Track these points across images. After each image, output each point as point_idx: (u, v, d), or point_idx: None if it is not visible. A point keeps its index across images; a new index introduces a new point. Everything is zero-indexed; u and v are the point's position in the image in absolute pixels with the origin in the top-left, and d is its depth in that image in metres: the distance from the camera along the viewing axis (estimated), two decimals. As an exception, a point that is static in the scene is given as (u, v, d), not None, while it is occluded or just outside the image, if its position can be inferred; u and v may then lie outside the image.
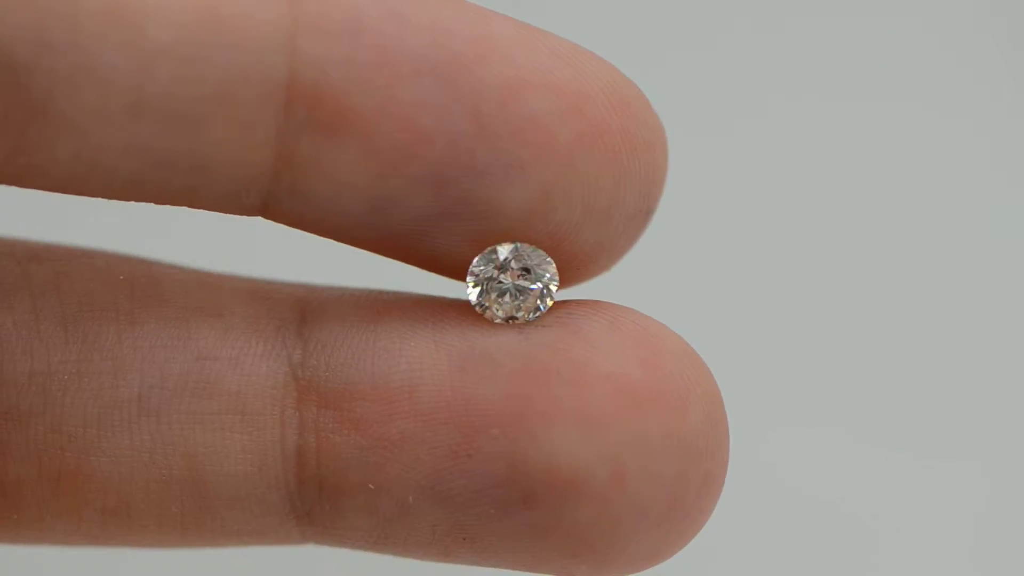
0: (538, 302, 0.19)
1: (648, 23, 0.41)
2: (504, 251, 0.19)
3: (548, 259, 0.19)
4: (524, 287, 0.19)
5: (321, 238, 0.20)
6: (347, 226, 0.19)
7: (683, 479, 0.18)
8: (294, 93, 0.18)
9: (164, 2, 0.17)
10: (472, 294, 0.19)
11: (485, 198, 0.18)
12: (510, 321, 0.19)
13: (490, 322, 0.19)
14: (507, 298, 0.19)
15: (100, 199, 0.18)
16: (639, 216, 0.19)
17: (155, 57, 0.17)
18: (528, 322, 0.19)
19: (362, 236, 0.19)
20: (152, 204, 0.18)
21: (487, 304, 0.19)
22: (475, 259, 0.19)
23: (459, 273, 0.20)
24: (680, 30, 0.41)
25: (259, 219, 0.19)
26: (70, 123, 0.16)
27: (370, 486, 0.19)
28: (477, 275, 0.19)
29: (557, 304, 0.20)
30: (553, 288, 0.19)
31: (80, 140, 0.17)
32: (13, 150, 0.17)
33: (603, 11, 0.41)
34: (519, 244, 0.19)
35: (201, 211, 0.19)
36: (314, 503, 0.19)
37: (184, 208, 0.19)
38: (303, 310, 0.20)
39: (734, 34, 0.42)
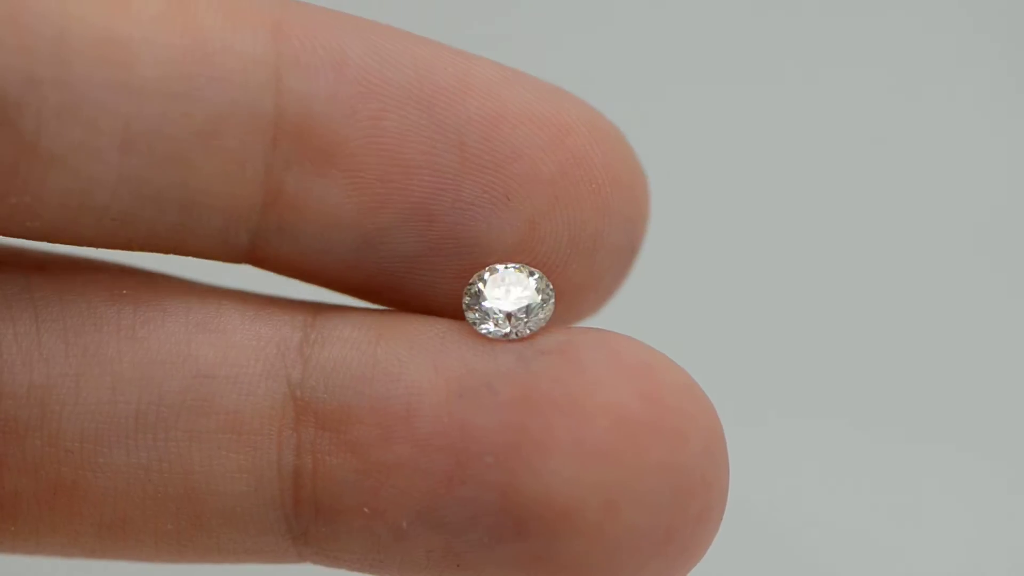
0: (535, 321, 0.19)
1: (628, 61, 0.41)
2: (496, 268, 0.19)
3: (537, 272, 0.19)
4: (520, 306, 0.19)
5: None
6: (335, 266, 0.19)
7: (680, 512, 0.18)
8: (281, 128, 0.18)
9: (151, 39, 0.17)
10: (469, 312, 0.19)
11: (472, 232, 0.19)
12: (508, 337, 0.19)
13: (489, 344, 0.19)
14: (503, 321, 0.19)
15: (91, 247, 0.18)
16: (625, 252, 0.20)
17: (143, 93, 0.17)
18: (528, 341, 0.19)
19: (350, 277, 0.19)
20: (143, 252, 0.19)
21: (485, 319, 0.19)
22: (473, 276, 0.19)
23: (448, 312, 0.20)
24: (662, 66, 0.41)
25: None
26: (60, 160, 0.17)
27: (365, 509, 0.19)
28: (471, 298, 0.19)
29: (558, 330, 0.19)
30: (549, 299, 0.19)
31: (70, 177, 0.17)
32: (3, 189, 0.17)
33: (580, 54, 0.41)
34: (509, 264, 0.19)
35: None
36: (310, 524, 0.19)
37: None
38: (305, 328, 0.20)
39: (725, 63, 0.42)
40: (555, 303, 0.19)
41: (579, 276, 0.19)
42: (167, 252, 0.19)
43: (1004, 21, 0.43)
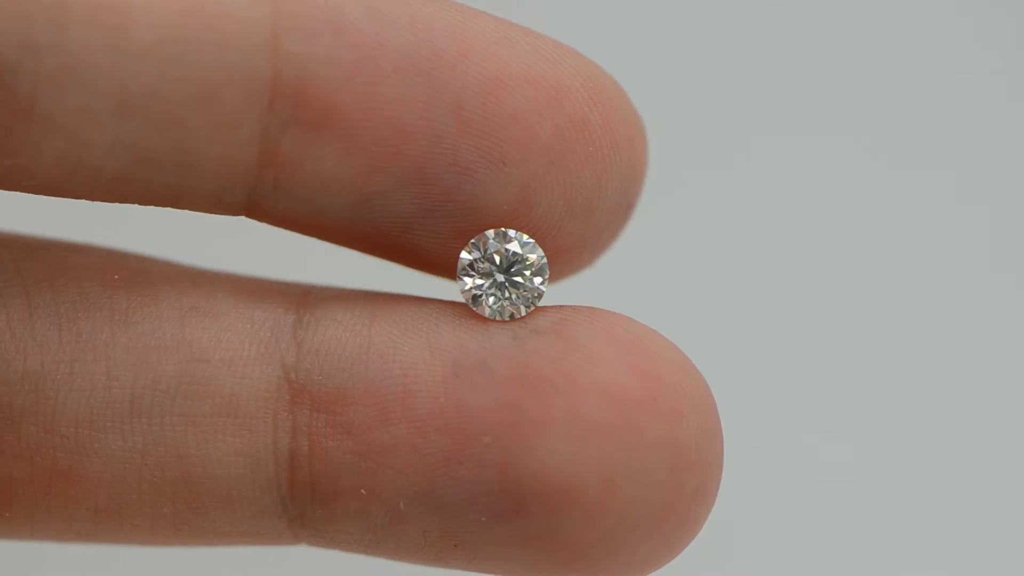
0: (530, 294, 0.19)
1: (628, 20, 0.41)
2: (491, 236, 0.19)
3: (535, 244, 0.19)
4: (515, 276, 0.19)
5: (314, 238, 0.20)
6: (331, 224, 0.19)
7: (676, 488, 0.18)
8: (278, 91, 0.18)
9: (148, 2, 0.17)
10: (462, 286, 0.19)
11: (468, 194, 0.19)
12: (503, 316, 0.19)
13: (484, 323, 0.19)
14: (498, 289, 0.19)
15: (88, 200, 0.18)
16: (621, 211, 0.20)
17: (140, 57, 0.17)
18: (522, 321, 0.19)
19: (346, 234, 0.19)
20: (138, 205, 0.18)
21: (479, 296, 0.19)
22: (464, 250, 0.19)
23: (443, 270, 0.20)
24: (662, 25, 0.41)
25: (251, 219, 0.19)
26: (55, 123, 0.16)
27: (362, 491, 0.19)
28: (466, 266, 0.19)
29: (553, 309, 0.20)
30: (543, 272, 0.19)
31: (66, 140, 0.17)
32: None
33: (583, 9, 0.41)
34: (505, 229, 0.19)
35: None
36: (306, 506, 0.19)
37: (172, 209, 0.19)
38: (298, 311, 0.20)
39: (719, 27, 0.42)
40: (548, 270, 0.19)
41: (574, 237, 0.19)
42: (162, 206, 0.19)
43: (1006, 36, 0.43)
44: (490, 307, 0.19)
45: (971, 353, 0.38)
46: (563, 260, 0.20)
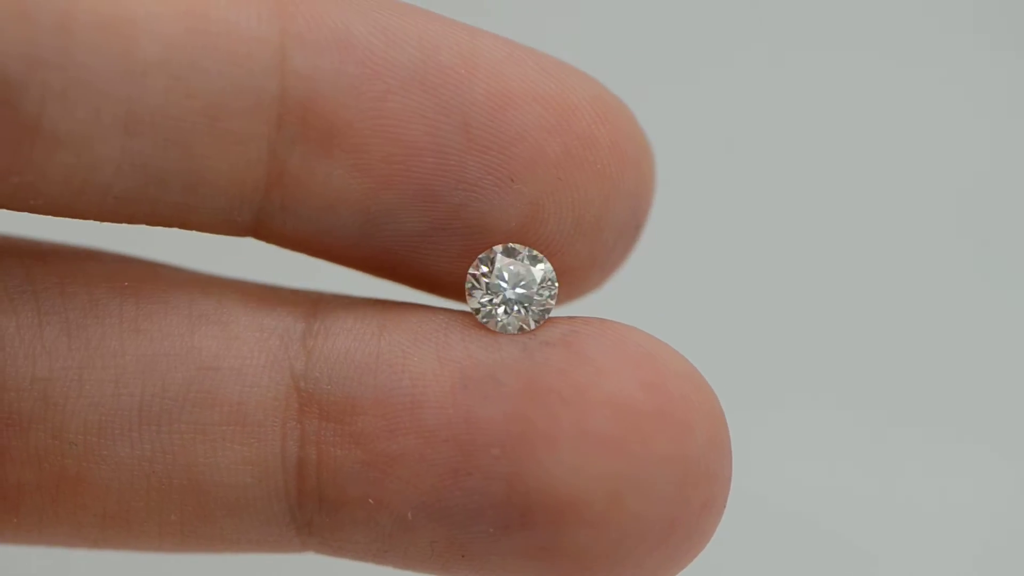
0: (540, 308, 0.19)
1: (633, 41, 0.41)
2: (499, 251, 0.19)
3: (543, 258, 0.19)
4: (523, 291, 0.19)
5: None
6: (339, 244, 0.19)
7: (684, 502, 0.18)
8: (285, 107, 0.18)
9: (155, 17, 0.17)
10: (471, 301, 0.19)
11: (476, 211, 0.19)
12: (512, 331, 0.19)
13: (493, 334, 0.19)
14: (507, 304, 0.19)
15: (96, 221, 0.18)
16: (629, 230, 0.20)
17: (145, 75, 0.17)
18: (531, 333, 0.19)
19: (354, 254, 0.19)
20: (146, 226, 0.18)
21: (488, 311, 0.19)
22: (472, 265, 0.19)
23: (452, 290, 0.20)
24: (668, 46, 0.41)
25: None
26: (62, 140, 0.16)
27: (370, 501, 0.19)
28: (475, 281, 0.19)
29: (562, 320, 0.19)
30: (552, 286, 0.19)
31: (72, 157, 0.17)
32: (5, 168, 0.17)
33: (588, 30, 0.41)
34: (514, 245, 0.19)
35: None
36: (314, 515, 0.19)
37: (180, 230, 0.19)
38: (308, 320, 0.20)
39: (725, 46, 0.42)
40: (558, 288, 0.19)
41: (583, 255, 0.19)
42: (170, 227, 0.19)
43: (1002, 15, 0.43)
44: (499, 322, 0.19)
45: (989, 377, 0.38)
46: (572, 279, 0.20)
